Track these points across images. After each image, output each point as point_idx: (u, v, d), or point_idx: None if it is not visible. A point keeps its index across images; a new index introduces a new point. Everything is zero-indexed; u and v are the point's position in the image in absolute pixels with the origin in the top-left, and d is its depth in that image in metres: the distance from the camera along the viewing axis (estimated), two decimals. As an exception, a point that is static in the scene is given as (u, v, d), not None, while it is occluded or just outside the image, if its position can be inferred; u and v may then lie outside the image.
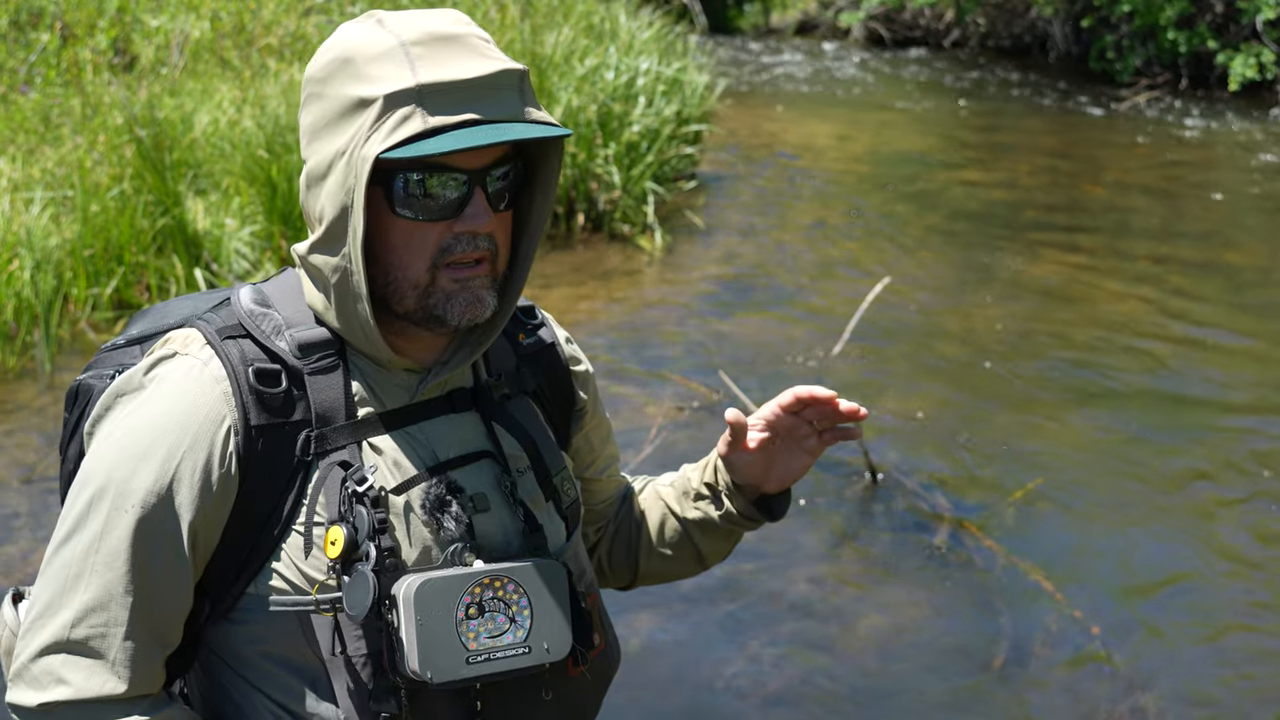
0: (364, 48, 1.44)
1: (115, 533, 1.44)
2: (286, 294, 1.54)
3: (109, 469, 1.45)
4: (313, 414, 1.48)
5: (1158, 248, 8.63)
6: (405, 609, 1.42)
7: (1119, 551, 4.77)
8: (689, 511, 1.78)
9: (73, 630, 1.43)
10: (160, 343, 1.53)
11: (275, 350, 1.48)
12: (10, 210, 6.58)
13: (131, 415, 1.48)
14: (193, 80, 8.55)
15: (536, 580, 1.49)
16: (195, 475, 1.44)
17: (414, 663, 1.42)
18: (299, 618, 1.46)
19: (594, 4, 10.47)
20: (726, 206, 9.39)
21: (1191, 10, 14.30)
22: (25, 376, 5.88)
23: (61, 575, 1.45)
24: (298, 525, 1.47)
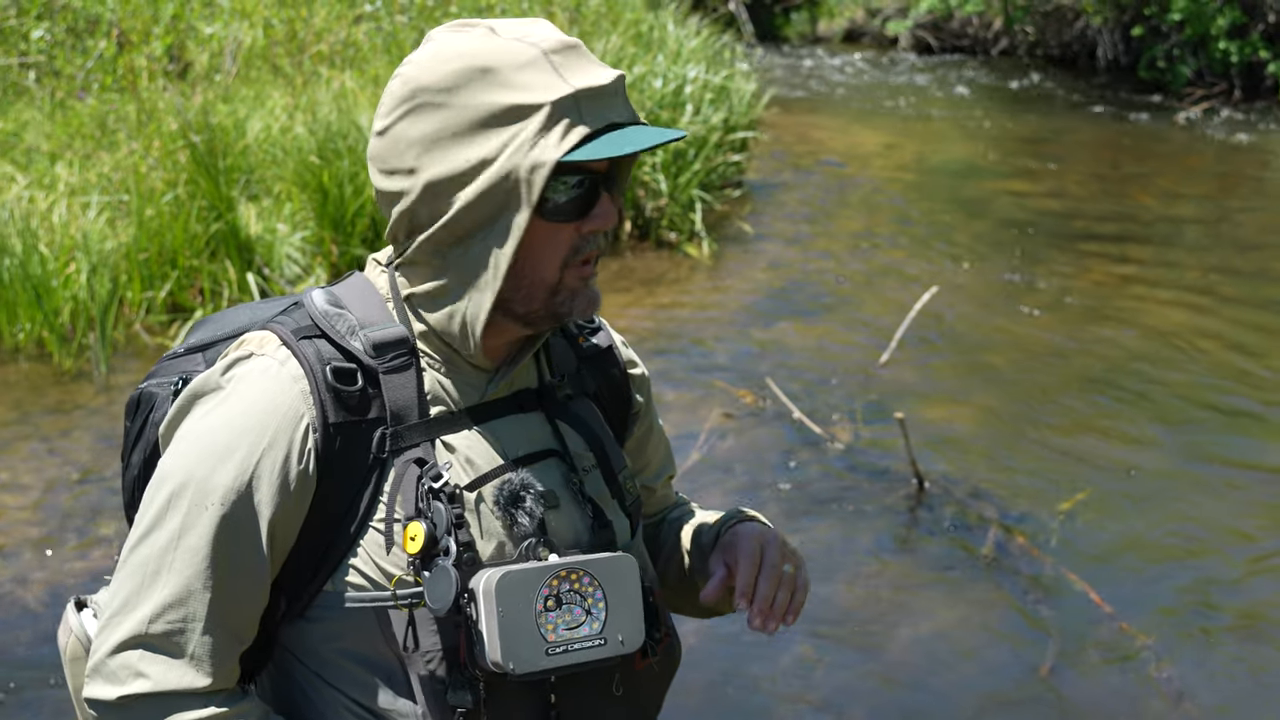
0: (504, 57, 1.45)
1: (195, 530, 1.45)
2: (358, 296, 1.56)
3: (189, 467, 1.46)
4: (387, 412, 1.49)
5: (1208, 258, 8.56)
6: (486, 601, 1.44)
7: (1167, 562, 4.75)
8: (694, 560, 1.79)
9: (151, 625, 1.45)
10: (235, 345, 1.54)
11: (350, 349, 1.50)
12: (68, 214, 6.69)
13: (210, 415, 1.49)
14: (245, 87, 8.65)
15: (611, 573, 1.52)
16: (275, 473, 1.46)
17: (496, 654, 1.44)
18: (376, 614, 1.48)
19: (642, 12, 10.51)
20: (774, 214, 9.40)
21: (1244, 20, 14.18)
22: (81, 378, 5.97)
23: (139, 572, 1.47)
24: (375, 522, 1.48)
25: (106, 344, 6.11)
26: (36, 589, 4.36)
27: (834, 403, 6.01)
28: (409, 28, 9.75)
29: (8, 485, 5.05)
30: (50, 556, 4.56)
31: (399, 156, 1.49)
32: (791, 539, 4.67)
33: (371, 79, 8.67)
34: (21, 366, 6.08)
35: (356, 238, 7.12)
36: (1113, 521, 5.00)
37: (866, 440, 5.63)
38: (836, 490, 5.20)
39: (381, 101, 1.51)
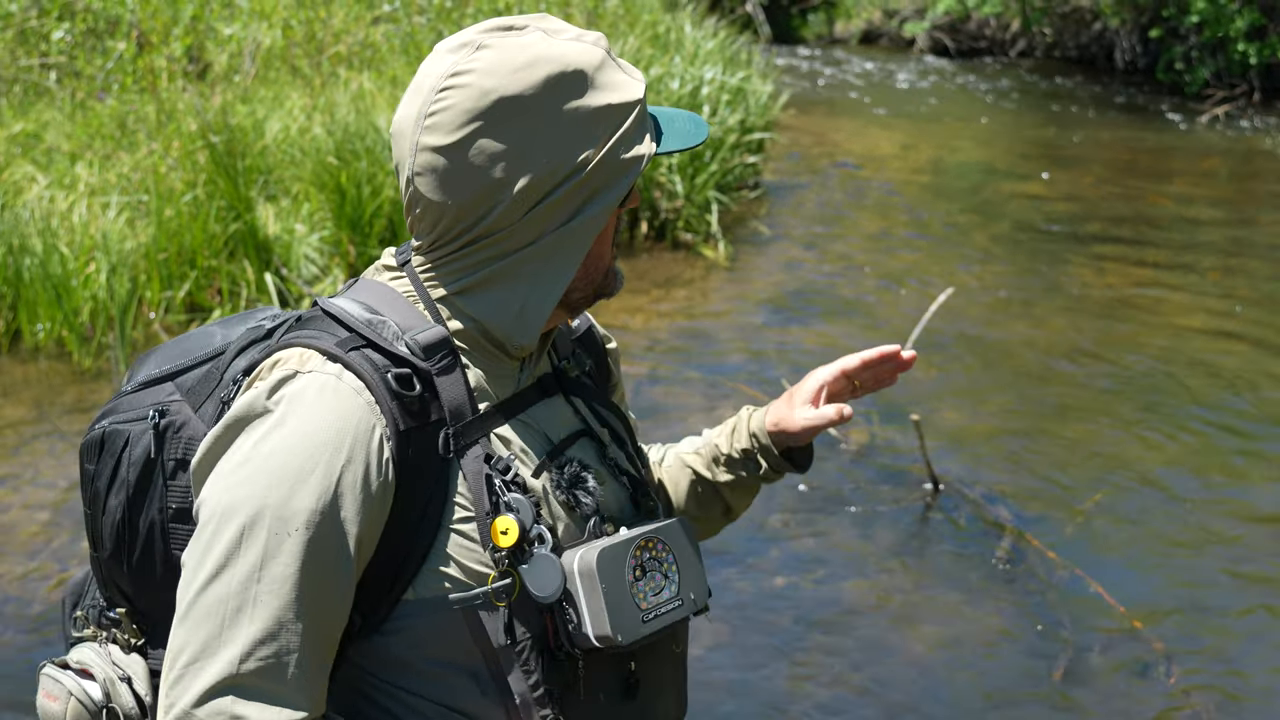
0: (582, 60, 1.50)
1: (280, 558, 1.39)
2: (387, 301, 1.54)
3: (258, 496, 1.40)
4: (446, 413, 1.49)
5: (1226, 260, 8.54)
6: (587, 580, 1.46)
7: (1183, 567, 4.74)
8: (720, 475, 1.87)
9: (242, 665, 1.37)
10: (267, 366, 1.50)
11: (400, 355, 1.48)
12: (87, 214, 6.73)
13: (269, 439, 1.42)
14: (264, 88, 8.69)
15: (677, 537, 1.59)
16: (357, 488, 1.42)
17: (605, 628, 1.46)
18: (464, 614, 1.47)
19: (659, 14, 10.53)
20: (790, 215, 9.41)
21: (1263, 21, 14.14)
22: (100, 377, 6.01)
23: (216, 613, 1.39)
24: (453, 524, 1.47)
25: (125, 343, 6.15)
26: (54, 585, 4.40)
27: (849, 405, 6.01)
28: (427, 29, 9.78)
29: (28, 482, 5.09)
30: (67, 553, 4.60)
31: (483, 169, 1.47)
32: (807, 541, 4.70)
33: (389, 80, 8.71)
34: (41, 365, 6.12)
35: (374, 238, 7.15)
36: (1128, 525, 5.00)
37: (882, 442, 5.63)
38: (852, 491, 5.21)
39: (441, 114, 1.47)
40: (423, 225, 1.53)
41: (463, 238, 1.51)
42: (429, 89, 1.48)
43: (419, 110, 1.48)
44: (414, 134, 1.48)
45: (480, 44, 1.48)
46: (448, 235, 1.51)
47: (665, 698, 1.64)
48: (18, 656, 4.05)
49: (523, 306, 1.53)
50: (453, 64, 1.48)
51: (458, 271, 1.53)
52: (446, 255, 1.53)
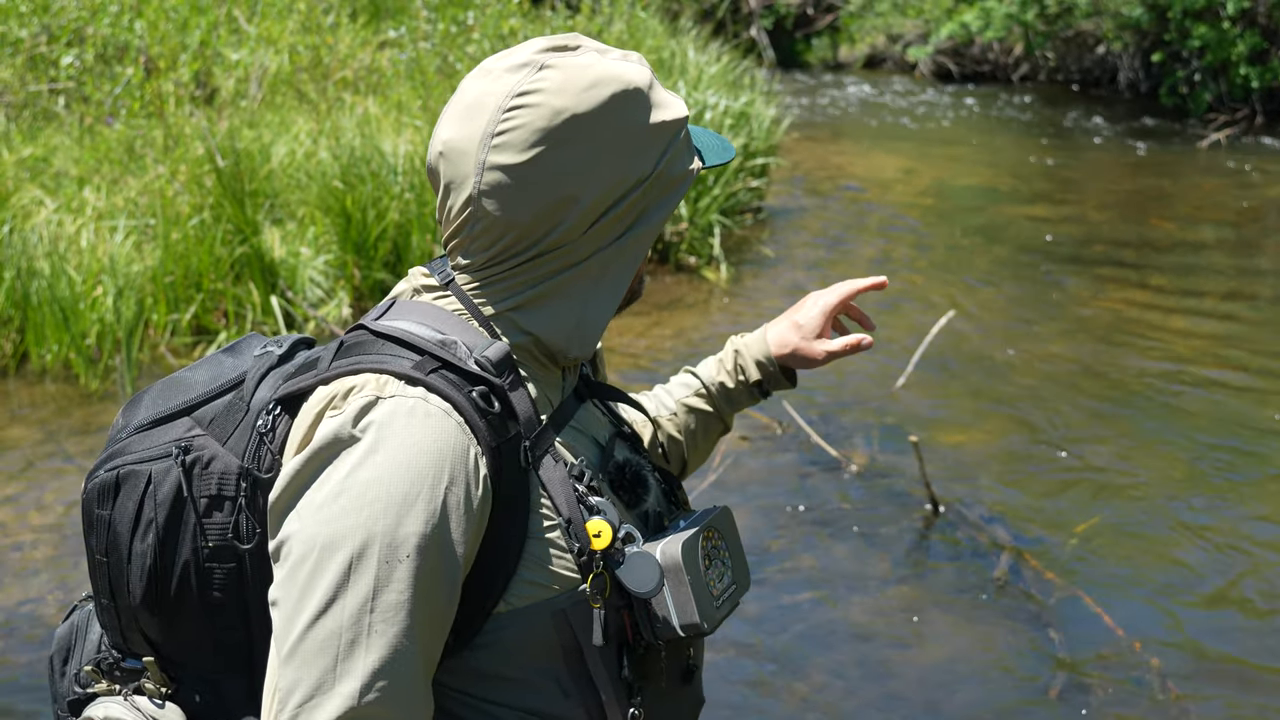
0: (637, 78, 1.53)
1: (392, 586, 1.37)
2: (444, 321, 1.54)
3: (365, 524, 1.38)
4: (521, 425, 1.50)
5: (1227, 284, 8.57)
6: (674, 573, 1.50)
7: (1180, 588, 4.76)
8: (726, 408, 2.01)
9: (363, 699, 1.35)
10: (341, 394, 1.46)
11: (476, 373, 1.48)
12: (95, 238, 6.79)
13: (364, 467, 1.40)
14: (271, 112, 8.76)
15: (726, 525, 1.63)
16: (461, 509, 1.42)
17: (693, 617, 1.51)
18: (554, 619, 1.48)
19: (663, 39, 10.60)
20: (792, 239, 9.45)
21: (1264, 45, 14.20)
22: (107, 399, 6.05)
23: (330, 648, 1.36)
24: (540, 532, 1.48)
25: (132, 366, 6.20)
26: (57, 608, 4.43)
27: (850, 426, 6.05)
28: (432, 54, 9.86)
29: (33, 504, 5.13)
30: (74, 574, 4.63)
31: (552, 186, 1.48)
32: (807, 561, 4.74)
33: (395, 104, 8.77)
34: (48, 387, 6.17)
35: (379, 261, 7.20)
36: (1126, 546, 5.02)
37: (882, 464, 5.66)
38: (852, 513, 5.23)
39: (512, 132, 1.47)
40: (479, 243, 1.52)
41: (524, 255, 1.51)
42: (494, 108, 1.48)
43: (485, 129, 1.47)
44: (480, 153, 1.47)
45: (544, 64, 1.49)
46: (508, 252, 1.51)
47: (701, 680, 1.71)
48: (23, 677, 4.08)
49: (580, 319, 1.56)
50: (517, 83, 1.48)
51: (514, 287, 1.53)
52: (502, 272, 1.53)
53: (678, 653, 1.60)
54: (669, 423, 2.00)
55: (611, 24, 10.71)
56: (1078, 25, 16.35)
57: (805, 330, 1.95)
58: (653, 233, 1.59)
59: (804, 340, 1.95)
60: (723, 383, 2.00)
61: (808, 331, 1.95)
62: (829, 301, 1.95)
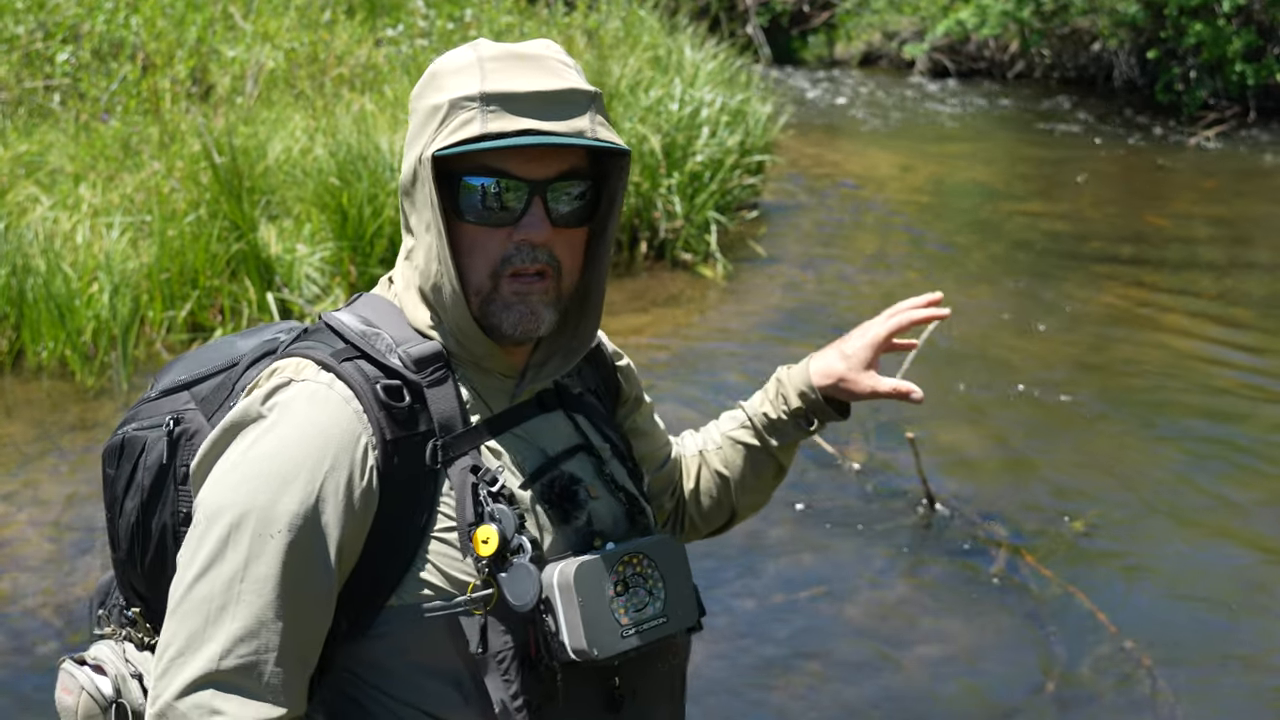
0: (447, 63, 1.55)
1: (262, 559, 1.43)
2: (385, 315, 1.59)
3: (247, 497, 1.45)
4: (435, 424, 1.52)
5: (1223, 280, 8.58)
6: (565, 593, 1.48)
7: (1174, 584, 4.77)
8: (773, 440, 1.93)
9: (222, 661, 1.42)
10: (265, 374, 1.54)
11: (392, 366, 1.52)
12: (90, 235, 6.79)
13: (259, 443, 1.48)
14: (267, 109, 8.75)
15: (664, 554, 1.59)
16: (339, 494, 1.46)
17: (580, 642, 1.48)
18: (447, 622, 1.49)
19: (659, 36, 10.59)
20: (788, 236, 9.46)
21: (1260, 43, 14.20)
22: (103, 396, 6.05)
23: (202, 609, 1.44)
24: (437, 532, 1.50)
25: (128, 362, 6.19)
26: (55, 604, 4.43)
27: (846, 423, 6.04)
28: (429, 50, 9.85)
29: (30, 501, 5.13)
30: (70, 572, 4.63)
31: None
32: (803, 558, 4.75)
33: (391, 101, 8.77)
34: (44, 384, 6.17)
35: (375, 258, 7.20)
36: (1122, 543, 5.03)
37: (879, 460, 5.67)
38: (849, 510, 5.24)
39: None
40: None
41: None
42: None
43: None
44: None
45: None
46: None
47: (655, 715, 1.64)
48: (18, 671, 4.08)
49: (449, 316, 1.57)
50: None
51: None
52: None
53: (594, 678, 1.55)
54: (714, 456, 1.95)
55: (608, 21, 10.70)
56: (1073, 22, 16.35)
57: (851, 361, 1.89)
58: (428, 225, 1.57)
59: (850, 371, 1.89)
60: (765, 413, 1.94)
61: (854, 363, 1.89)
62: (878, 334, 1.89)
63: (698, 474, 1.95)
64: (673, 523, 1.98)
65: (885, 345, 1.89)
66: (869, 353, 1.88)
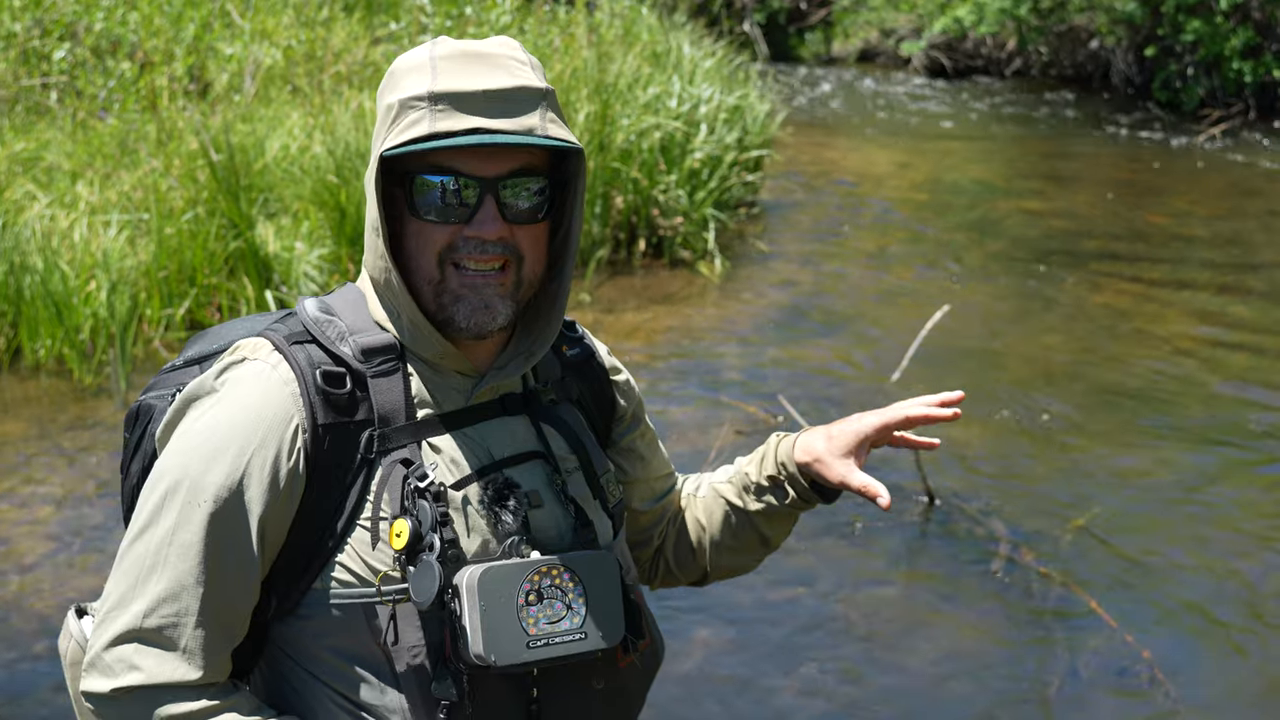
0: (403, 62, 1.58)
1: (188, 526, 1.50)
2: (349, 304, 1.63)
3: (182, 466, 1.52)
4: (375, 414, 1.55)
5: (1221, 278, 8.58)
6: (469, 596, 1.49)
7: (1175, 581, 4.77)
8: (751, 504, 1.85)
9: (145, 620, 1.49)
10: (229, 351, 1.60)
11: (339, 354, 1.56)
12: (88, 232, 6.77)
13: (203, 417, 1.54)
14: (264, 107, 8.74)
15: (590, 570, 1.57)
16: (265, 471, 1.51)
17: (478, 647, 1.48)
18: (364, 610, 1.52)
19: (658, 34, 10.59)
20: (787, 233, 9.45)
21: (1257, 40, 14.21)
22: (101, 394, 6.04)
23: (135, 568, 1.51)
24: (362, 520, 1.53)
25: (126, 360, 6.18)
26: (53, 600, 4.42)
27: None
28: (426, 48, 9.82)
29: (29, 498, 5.12)
30: (68, 568, 4.62)
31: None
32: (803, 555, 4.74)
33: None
34: (42, 382, 6.16)
35: (373, 256, 7.18)
36: (1122, 539, 5.03)
37: (878, 457, 5.66)
38: (848, 507, 5.23)
39: None
40: None
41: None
42: None
43: None
44: None
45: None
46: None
47: None
48: (18, 670, 4.07)
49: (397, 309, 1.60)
50: None
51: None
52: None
53: (508, 687, 1.55)
54: (699, 503, 1.91)
55: (608, 18, 10.69)
56: (1071, 20, 16.36)
57: (833, 445, 1.76)
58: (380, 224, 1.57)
59: (827, 454, 1.76)
60: (747, 472, 1.86)
61: (835, 446, 1.76)
62: (869, 425, 1.75)
63: (682, 518, 1.92)
64: (649, 563, 1.94)
65: (876, 438, 1.76)
66: (853, 440, 1.75)
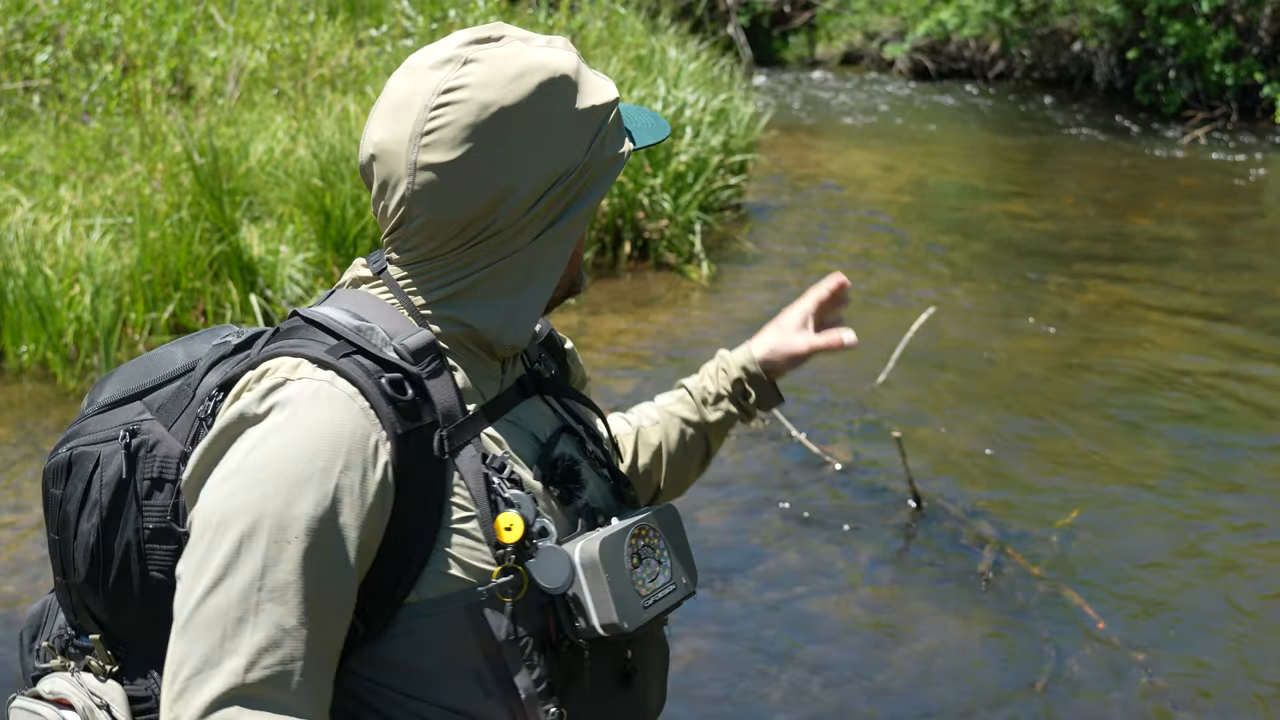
0: (562, 64, 1.52)
1: (279, 566, 1.38)
2: (371, 308, 1.55)
3: (255, 504, 1.38)
4: (438, 414, 1.49)
5: (1204, 279, 8.61)
6: (591, 570, 1.48)
7: (1162, 579, 4.79)
8: (711, 415, 1.98)
9: (247, 675, 1.35)
10: (254, 375, 1.48)
11: (390, 360, 1.48)
12: (71, 236, 6.75)
13: (262, 446, 1.41)
14: (248, 110, 8.72)
15: (667, 523, 1.61)
16: (355, 493, 1.41)
17: (611, 616, 1.48)
18: (468, 613, 1.46)
19: (641, 37, 10.59)
20: (772, 236, 9.46)
21: (1239, 43, 14.27)
22: (85, 398, 6.01)
23: (216, 624, 1.37)
24: (453, 524, 1.47)
25: (110, 365, 6.16)
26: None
27: (832, 422, 6.06)
28: (412, 50, 9.82)
29: (11, 505, 5.10)
30: (49, 576, 4.59)
31: (486, 181, 1.49)
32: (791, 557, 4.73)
33: (374, 102, 8.73)
34: (26, 387, 6.13)
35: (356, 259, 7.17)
36: (1108, 539, 5.04)
37: (864, 459, 5.67)
38: (834, 509, 5.24)
39: (440, 130, 1.48)
40: (415, 239, 1.53)
41: (458, 248, 1.52)
42: (421, 107, 1.48)
43: (413, 129, 1.48)
44: (410, 153, 1.48)
45: (467, 58, 1.49)
46: (444, 247, 1.52)
47: (654, 685, 1.66)
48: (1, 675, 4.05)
49: (513, 308, 1.56)
50: (442, 80, 1.48)
51: (447, 278, 1.54)
52: (437, 264, 1.54)
53: (611, 654, 1.56)
54: (651, 430, 1.98)
55: (591, 20, 10.69)
56: (1054, 23, 16.41)
57: (785, 327, 1.98)
58: (585, 218, 1.57)
59: (784, 335, 1.98)
60: (705, 386, 1.99)
61: (787, 326, 1.98)
62: (805, 306, 2.00)
63: (634, 450, 1.97)
64: None
65: (816, 313, 2.00)
66: (799, 318, 1.98)
